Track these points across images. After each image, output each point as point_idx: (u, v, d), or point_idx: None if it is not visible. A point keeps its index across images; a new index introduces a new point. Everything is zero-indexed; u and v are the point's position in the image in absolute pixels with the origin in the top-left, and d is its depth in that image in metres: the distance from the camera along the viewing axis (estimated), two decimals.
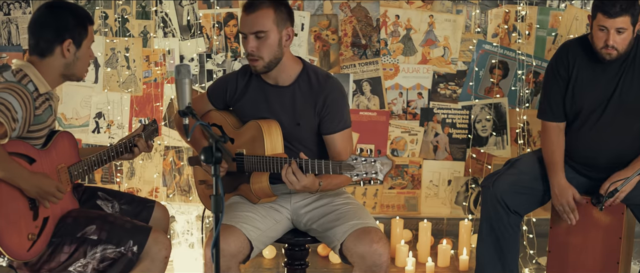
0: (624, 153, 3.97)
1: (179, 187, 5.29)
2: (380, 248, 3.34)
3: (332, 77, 3.70)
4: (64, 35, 3.36)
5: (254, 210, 3.58)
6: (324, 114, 3.60)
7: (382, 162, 3.13)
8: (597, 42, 3.84)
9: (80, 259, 3.35)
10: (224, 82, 3.80)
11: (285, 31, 3.54)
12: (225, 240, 3.35)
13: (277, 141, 3.56)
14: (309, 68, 3.67)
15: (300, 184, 3.34)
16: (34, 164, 3.28)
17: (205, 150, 2.73)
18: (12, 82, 3.27)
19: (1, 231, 3.14)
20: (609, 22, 3.76)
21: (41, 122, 3.34)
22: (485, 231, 4.11)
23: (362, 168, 3.14)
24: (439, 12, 5.21)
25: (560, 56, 4.07)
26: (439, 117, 5.31)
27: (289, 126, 3.62)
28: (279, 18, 3.51)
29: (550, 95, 4.10)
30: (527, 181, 4.09)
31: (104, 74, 5.18)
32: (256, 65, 3.53)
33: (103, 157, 3.56)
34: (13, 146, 3.21)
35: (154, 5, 5.13)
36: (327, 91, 3.60)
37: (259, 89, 3.68)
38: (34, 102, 3.28)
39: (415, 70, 5.27)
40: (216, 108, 3.84)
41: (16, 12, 5.11)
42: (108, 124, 5.22)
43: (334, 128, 3.62)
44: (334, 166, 3.26)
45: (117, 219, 3.46)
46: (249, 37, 3.50)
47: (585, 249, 4.07)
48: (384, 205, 5.39)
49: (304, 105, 3.61)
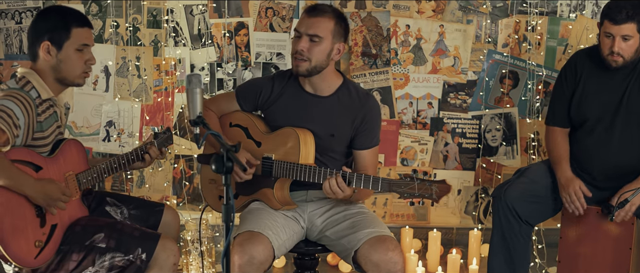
0: (631, 162, 3.97)
1: (189, 196, 5.29)
2: (395, 256, 3.36)
3: (372, 95, 3.78)
4: (42, 37, 3.37)
5: (276, 219, 3.59)
6: (361, 129, 3.66)
7: (440, 188, 3.25)
8: (604, 48, 3.89)
9: (89, 267, 3.35)
10: (257, 85, 3.82)
11: (338, 45, 3.61)
12: (255, 247, 3.37)
13: (310, 151, 3.60)
14: (349, 83, 3.73)
15: (343, 195, 3.42)
16: (41, 172, 3.29)
17: (217, 159, 2.73)
18: (14, 89, 3.29)
19: (8, 238, 3.14)
20: (614, 29, 3.80)
21: (46, 128, 3.35)
22: (496, 241, 4.11)
23: (417, 189, 3.21)
24: (450, 21, 5.21)
25: (569, 65, 4.13)
26: (449, 127, 5.31)
27: (323, 136, 3.65)
28: (336, 31, 3.59)
29: (555, 102, 4.17)
30: (537, 189, 4.09)
31: (115, 82, 5.19)
32: (301, 65, 3.58)
33: (113, 164, 3.56)
34: (18, 154, 3.21)
35: (165, 15, 5.14)
36: (367, 108, 3.67)
37: (296, 95, 3.71)
38: (36, 108, 3.29)
39: (426, 80, 5.27)
40: (243, 109, 3.85)
41: (28, 21, 5.12)
42: (118, 132, 5.23)
43: (367, 144, 3.69)
44: (383, 183, 3.35)
45: (125, 227, 3.46)
46: (304, 37, 3.56)
47: (595, 259, 4.06)
48: (393, 214, 5.39)
49: (341, 117, 3.65)
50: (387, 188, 3.32)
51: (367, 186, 3.37)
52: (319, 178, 3.47)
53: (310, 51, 3.55)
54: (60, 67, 3.40)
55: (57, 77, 3.42)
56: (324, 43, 3.55)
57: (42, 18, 3.44)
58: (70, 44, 3.39)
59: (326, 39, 3.56)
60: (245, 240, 3.39)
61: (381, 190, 3.35)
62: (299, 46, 3.56)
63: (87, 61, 3.45)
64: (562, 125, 4.14)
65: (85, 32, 3.44)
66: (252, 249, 3.34)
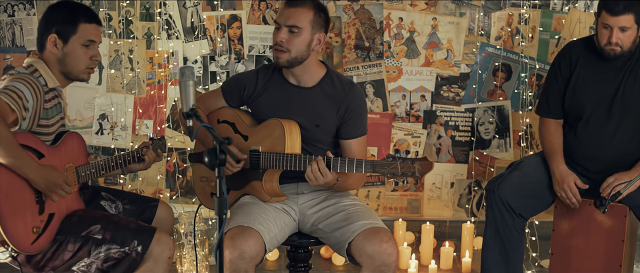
0: (625, 153, 3.98)
1: (182, 189, 5.29)
2: (389, 248, 3.36)
3: (356, 84, 3.77)
4: (50, 29, 3.43)
5: (266, 212, 3.59)
6: (345, 118, 3.65)
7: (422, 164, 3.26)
8: (601, 39, 3.88)
9: (84, 258, 3.37)
10: (242, 80, 3.83)
11: (318, 35, 3.61)
12: (246, 242, 3.36)
13: (296, 142, 3.60)
14: (332, 73, 3.73)
15: (324, 180, 3.41)
16: (43, 159, 3.32)
17: (210, 152, 2.73)
18: (23, 73, 3.36)
19: (7, 219, 3.17)
20: (612, 20, 3.80)
21: (50, 117, 3.39)
22: (490, 235, 4.11)
23: (400, 168, 3.21)
24: (443, 14, 5.22)
25: (563, 54, 4.11)
26: (442, 120, 5.32)
27: (308, 127, 3.65)
28: (315, 21, 3.59)
29: (549, 92, 4.16)
30: (531, 183, 4.10)
31: (108, 75, 5.18)
32: (281, 56, 3.58)
33: (111, 162, 3.60)
34: (24, 139, 3.26)
35: (158, 7, 5.14)
36: (351, 97, 3.66)
37: (280, 88, 3.71)
38: (44, 95, 3.34)
39: (419, 73, 5.28)
40: (230, 105, 3.86)
41: (20, 14, 5.11)
42: (111, 125, 5.22)
43: (353, 133, 3.68)
44: (366, 165, 3.35)
45: (121, 219, 3.48)
46: (283, 28, 3.57)
47: (587, 252, 4.07)
48: (386, 207, 5.40)
49: (325, 107, 3.65)
50: (370, 169, 3.33)
51: (351, 169, 3.37)
52: (306, 166, 3.47)
53: (289, 42, 3.55)
54: (65, 61, 3.45)
55: (62, 70, 3.48)
56: (304, 33, 3.55)
57: (53, 11, 3.50)
58: (76, 39, 3.45)
59: (305, 30, 3.56)
60: (236, 234, 3.39)
61: (365, 171, 3.35)
62: (278, 37, 3.57)
63: (92, 57, 3.50)
64: (556, 116, 4.14)
65: (93, 28, 3.49)
66: (243, 244, 3.34)
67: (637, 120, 3.95)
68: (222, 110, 3.86)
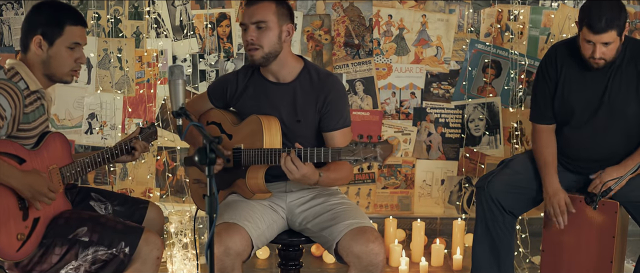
0: (615, 153, 3.98)
1: (172, 188, 5.28)
2: (376, 247, 3.35)
3: (333, 75, 3.74)
4: (35, 31, 3.36)
5: (253, 209, 3.58)
6: (324, 111, 3.63)
7: (383, 147, 3.18)
8: (585, 52, 3.82)
9: (72, 261, 3.34)
10: (224, 81, 3.84)
11: (285, 27, 3.60)
12: (231, 238, 3.36)
13: (276, 137, 3.58)
14: (310, 66, 3.71)
15: (300, 173, 3.36)
16: (24, 164, 3.27)
17: (200, 151, 2.73)
18: (1, 80, 3.28)
19: None
20: (594, 37, 3.73)
21: (31, 121, 3.33)
22: (480, 232, 4.12)
23: (362, 153, 3.18)
24: (432, 11, 5.21)
25: (549, 58, 4.07)
26: (432, 117, 5.32)
27: (289, 123, 3.64)
28: (280, 13, 3.58)
29: (539, 97, 4.11)
30: (521, 181, 4.10)
31: (97, 74, 5.16)
32: (255, 54, 3.57)
33: (97, 158, 3.55)
34: (2, 146, 3.20)
35: (147, 6, 5.12)
36: (328, 89, 3.64)
37: (259, 86, 3.71)
38: (23, 100, 3.28)
39: (408, 70, 5.28)
40: (216, 107, 3.87)
41: (8, 13, 5.09)
42: (101, 125, 5.20)
43: (334, 125, 3.65)
44: (333, 153, 3.31)
45: (108, 220, 3.44)
46: (250, 27, 3.56)
47: (578, 248, 4.07)
48: (377, 204, 5.39)
49: (305, 102, 3.64)
50: (336, 156, 3.29)
51: (319, 159, 3.33)
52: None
53: (260, 39, 3.54)
54: (49, 63, 3.39)
55: (46, 72, 3.41)
56: (271, 26, 3.55)
57: (37, 11, 3.43)
58: (62, 41, 3.39)
59: (272, 22, 3.55)
60: (222, 230, 3.38)
61: (331, 160, 3.33)
62: (248, 37, 3.56)
63: (77, 59, 3.45)
64: (549, 122, 4.09)
65: (78, 30, 3.44)
66: (228, 240, 3.34)
67: (624, 121, 3.94)
68: (210, 112, 3.88)
